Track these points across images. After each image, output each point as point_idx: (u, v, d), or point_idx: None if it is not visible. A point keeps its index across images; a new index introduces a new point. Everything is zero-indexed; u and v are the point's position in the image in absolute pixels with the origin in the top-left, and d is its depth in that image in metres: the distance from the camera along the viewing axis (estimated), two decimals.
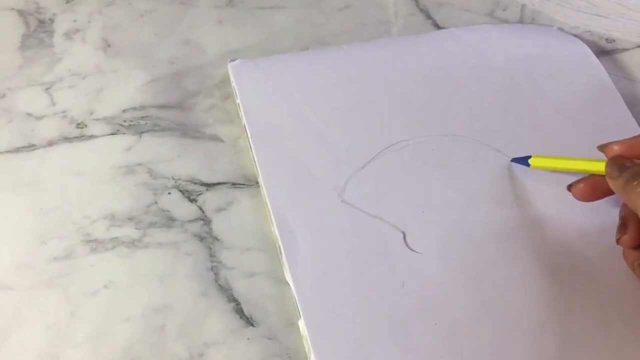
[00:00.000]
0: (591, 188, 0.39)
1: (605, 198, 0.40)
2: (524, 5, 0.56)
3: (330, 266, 0.39)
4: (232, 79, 0.48)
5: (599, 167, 0.38)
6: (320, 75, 0.48)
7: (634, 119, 0.46)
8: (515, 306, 0.38)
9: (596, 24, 0.54)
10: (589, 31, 0.54)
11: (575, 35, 0.53)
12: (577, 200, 0.40)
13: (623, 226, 0.38)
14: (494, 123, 0.46)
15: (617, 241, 0.38)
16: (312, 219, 0.41)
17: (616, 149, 0.38)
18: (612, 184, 0.37)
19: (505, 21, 0.55)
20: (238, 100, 0.46)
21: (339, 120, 0.46)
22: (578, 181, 0.40)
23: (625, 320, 0.37)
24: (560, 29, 0.54)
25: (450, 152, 0.44)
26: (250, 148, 0.44)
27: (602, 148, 0.39)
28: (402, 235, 0.40)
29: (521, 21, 0.55)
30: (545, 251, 0.40)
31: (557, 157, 0.42)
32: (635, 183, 0.35)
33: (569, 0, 0.55)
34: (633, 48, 0.53)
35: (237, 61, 0.48)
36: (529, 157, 0.42)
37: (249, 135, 0.44)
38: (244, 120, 0.45)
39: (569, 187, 0.40)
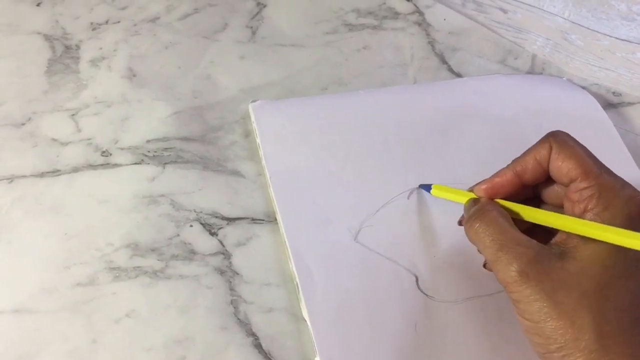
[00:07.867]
0: None
1: None
2: (534, 56, 0.58)
3: (345, 305, 0.40)
4: (252, 119, 0.49)
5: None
6: (338, 120, 0.49)
7: (639, 171, 0.48)
8: (524, 351, 0.39)
9: (604, 77, 0.56)
10: (597, 84, 0.56)
11: (583, 87, 0.55)
12: None
13: None
14: None
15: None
16: (329, 258, 0.42)
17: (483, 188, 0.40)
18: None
19: (517, 69, 0.57)
20: (258, 140, 0.48)
21: (354, 165, 0.47)
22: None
23: None
24: (570, 81, 0.55)
25: None
26: (269, 187, 0.46)
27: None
28: (414, 278, 0.42)
29: (532, 70, 0.57)
30: None
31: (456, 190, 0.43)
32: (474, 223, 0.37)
33: (578, 53, 0.57)
34: (638, 102, 0.55)
35: (258, 102, 0.50)
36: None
37: (268, 176, 0.46)
38: (264, 162, 0.47)
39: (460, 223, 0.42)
